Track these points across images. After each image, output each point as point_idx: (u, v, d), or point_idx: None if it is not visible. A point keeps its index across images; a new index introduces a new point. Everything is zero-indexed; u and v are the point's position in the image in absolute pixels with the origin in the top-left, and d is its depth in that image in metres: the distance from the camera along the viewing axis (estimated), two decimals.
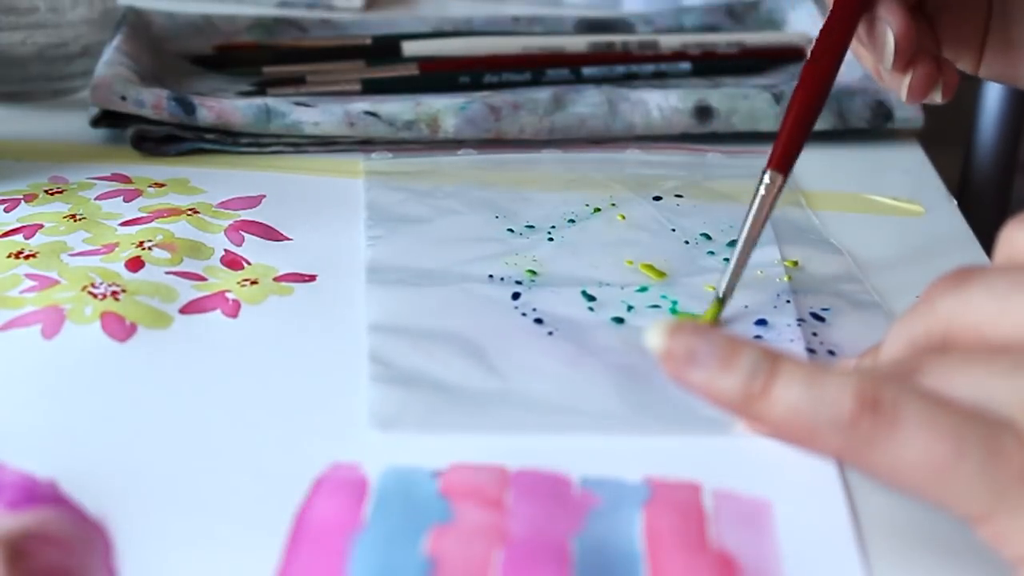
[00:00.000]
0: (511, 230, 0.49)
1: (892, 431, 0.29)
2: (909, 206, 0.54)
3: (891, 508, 0.34)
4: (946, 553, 0.33)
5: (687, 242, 0.49)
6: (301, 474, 0.35)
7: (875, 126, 0.60)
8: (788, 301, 0.45)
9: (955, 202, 0.55)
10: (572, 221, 0.50)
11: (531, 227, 0.50)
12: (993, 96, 0.76)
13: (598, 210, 0.51)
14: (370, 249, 0.47)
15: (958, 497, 0.29)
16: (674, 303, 0.45)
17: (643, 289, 0.45)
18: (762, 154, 0.58)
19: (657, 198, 0.52)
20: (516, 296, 0.44)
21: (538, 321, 0.43)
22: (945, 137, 0.76)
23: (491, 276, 0.46)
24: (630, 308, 0.44)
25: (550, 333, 0.42)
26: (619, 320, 0.43)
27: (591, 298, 0.44)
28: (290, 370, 0.40)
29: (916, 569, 0.33)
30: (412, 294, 0.44)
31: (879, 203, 0.54)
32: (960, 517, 0.30)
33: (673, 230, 0.50)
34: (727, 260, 0.48)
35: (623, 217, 0.51)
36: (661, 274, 0.46)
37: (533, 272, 0.46)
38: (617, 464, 0.36)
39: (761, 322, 0.43)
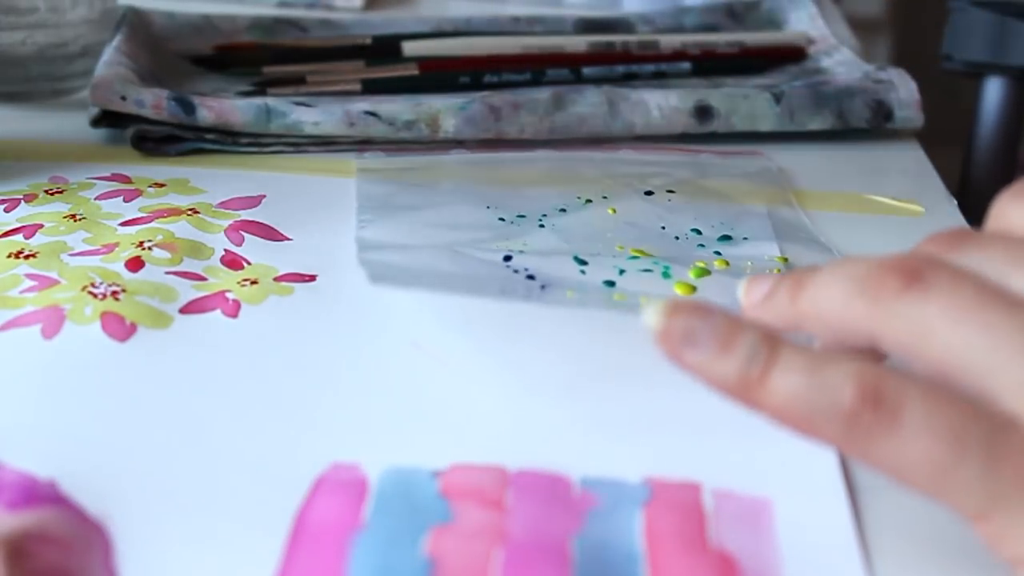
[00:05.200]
0: (502, 219, 0.50)
1: (893, 427, 0.29)
2: (909, 206, 0.54)
3: (893, 508, 0.34)
4: (948, 553, 0.33)
5: (677, 237, 0.49)
6: (301, 474, 0.35)
7: (875, 126, 0.60)
8: None
9: (955, 202, 0.55)
10: (563, 211, 0.50)
11: (522, 216, 0.50)
12: (993, 96, 0.76)
13: (589, 201, 0.51)
14: (361, 230, 0.48)
15: (958, 496, 0.29)
16: (666, 267, 0.45)
17: (635, 257, 0.46)
18: (757, 155, 0.58)
19: (648, 193, 0.52)
20: (508, 259, 0.45)
21: (530, 277, 0.44)
22: (945, 137, 0.76)
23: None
24: (622, 272, 0.45)
25: (543, 287, 0.43)
26: (610, 283, 0.44)
27: (583, 262, 0.45)
28: (290, 370, 0.40)
29: (918, 569, 0.33)
30: (404, 255, 0.45)
31: (879, 203, 0.54)
32: (959, 514, 0.30)
33: (664, 227, 0.50)
34: (718, 253, 0.48)
35: (614, 211, 0.51)
36: (652, 256, 0.47)
37: (524, 252, 0.47)
38: (617, 464, 0.36)
39: None
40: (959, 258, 0.32)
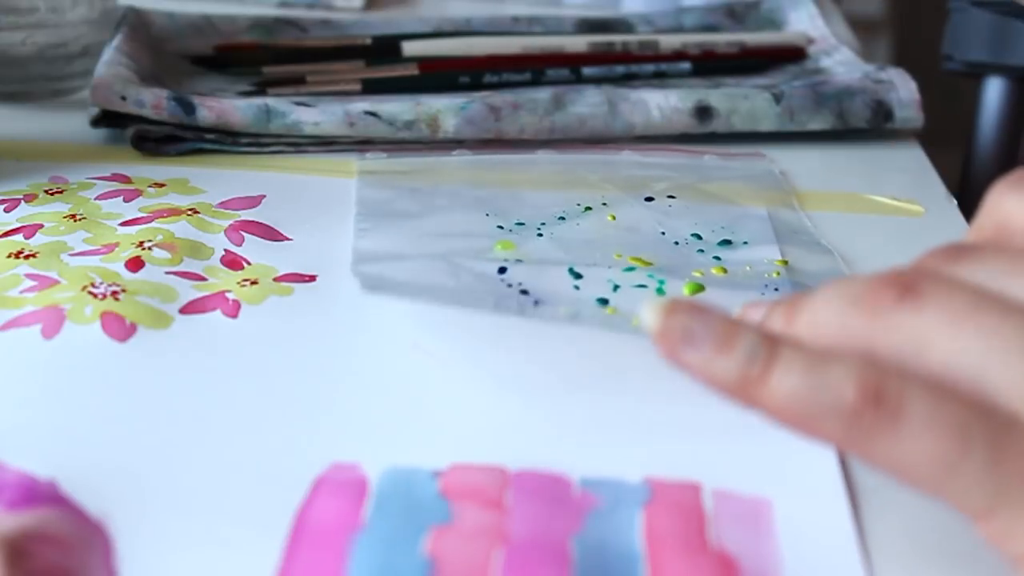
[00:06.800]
0: (500, 227, 0.49)
1: (896, 424, 0.29)
2: (909, 206, 0.54)
3: (893, 508, 0.34)
4: (948, 554, 0.33)
5: (677, 243, 0.49)
6: (301, 474, 0.35)
7: (875, 126, 0.60)
8: (776, 289, 0.45)
9: (955, 202, 0.55)
10: (562, 219, 0.50)
11: (521, 224, 0.50)
12: (993, 96, 0.76)
13: (589, 209, 0.51)
14: (358, 240, 0.48)
15: (961, 493, 0.29)
16: (661, 282, 0.45)
17: (631, 269, 0.46)
18: (758, 156, 0.58)
19: (649, 199, 0.52)
20: (503, 271, 0.45)
21: (524, 292, 0.44)
22: (945, 137, 0.76)
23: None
24: (616, 288, 0.44)
25: (536, 302, 0.43)
26: (603, 301, 0.43)
27: (578, 276, 0.45)
28: (290, 370, 0.40)
29: (917, 569, 0.33)
30: (399, 267, 0.45)
31: (879, 203, 0.54)
32: (961, 513, 0.30)
33: (663, 233, 0.50)
34: (717, 258, 0.48)
35: (613, 217, 0.51)
36: (649, 264, 0.46)
37: (521, 261, 0.46)
38: (617, 464, 0.36)
39: None
40: (957, 270, 0.32)
